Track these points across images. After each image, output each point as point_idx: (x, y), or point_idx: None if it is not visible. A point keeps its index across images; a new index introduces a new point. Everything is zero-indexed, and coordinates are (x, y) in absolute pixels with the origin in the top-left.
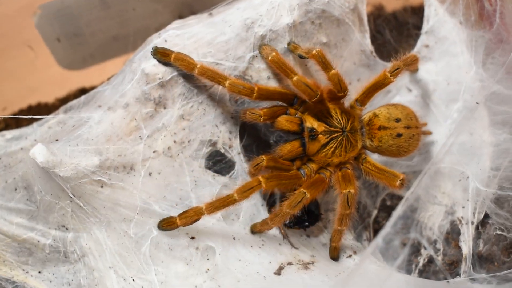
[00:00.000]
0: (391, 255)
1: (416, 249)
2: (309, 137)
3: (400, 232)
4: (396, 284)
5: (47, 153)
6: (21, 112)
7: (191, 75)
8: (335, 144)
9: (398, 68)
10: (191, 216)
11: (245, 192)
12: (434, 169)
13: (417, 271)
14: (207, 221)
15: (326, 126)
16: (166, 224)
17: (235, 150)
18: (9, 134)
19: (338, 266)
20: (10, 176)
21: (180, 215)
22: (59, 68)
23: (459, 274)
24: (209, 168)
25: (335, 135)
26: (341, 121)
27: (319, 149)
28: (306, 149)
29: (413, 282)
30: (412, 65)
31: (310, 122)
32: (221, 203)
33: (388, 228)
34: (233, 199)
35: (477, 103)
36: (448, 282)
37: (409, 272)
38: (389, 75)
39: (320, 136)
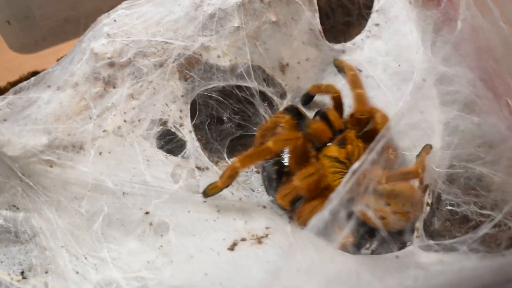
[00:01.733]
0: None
1: (370, 230)
2: None
3: (346, 205)
4: (343, 258)
5: None
6: None
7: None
8: None
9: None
10: (229, 174)
11: (280, 141)
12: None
13: (372, 248)
14: (163, 194)
15: None
16: (211, 188)
17: (186, 129)
18: None
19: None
20: None
21: (220, 177)
22: (10, 52)
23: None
24: (161, 148)
25: None
26: None
27: None
28: None
29: (360, 259)
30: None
31: None
32: (255, 153)
33: (334, 202)
34: (267, 148)
35: (423, 80)
36: (397, 256)
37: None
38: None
39: None
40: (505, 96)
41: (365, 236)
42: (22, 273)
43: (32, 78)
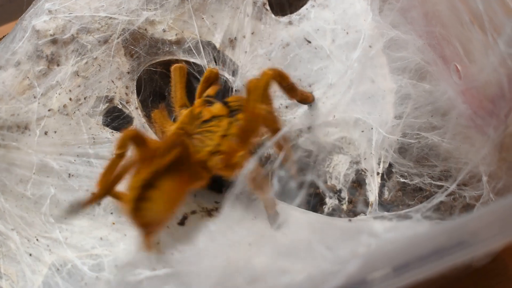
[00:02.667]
0: (287, 197)
1: (320, 198)
2: None
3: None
4: (296, 219)
5: None
6: None
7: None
8: None
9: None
10: None
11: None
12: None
13: None
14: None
15: None
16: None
17: (132, 105)
18: None
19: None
20: None
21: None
22: None
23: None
24: (107, 125)
25: None
26: None
27: None
28: None
29: (314, 218)
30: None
31: None
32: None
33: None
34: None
35: (370, 46)
36: (350, 220)
37: None
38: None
39: None
40: (454, 61)
41: None
42: None
43: None
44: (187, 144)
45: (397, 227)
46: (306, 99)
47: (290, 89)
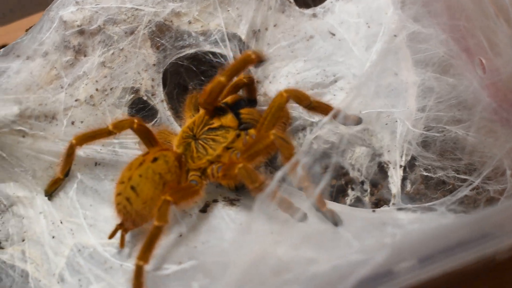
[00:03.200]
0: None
1: (342, 190)
2: None
3: (320, 159)
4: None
5: None
6: None
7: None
8: None
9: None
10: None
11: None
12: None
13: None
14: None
15: None
16: None
17: (158, 98)
18: None
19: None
20: None
21: None
22: None
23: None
24: (132, 116)
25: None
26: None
27: None
28: None
29: (338, 209)
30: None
31: None
32: None
33: (302, 155)
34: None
35: (394, 35)
36: (374, 211)
37: None
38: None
39: None
40: (478, 54)
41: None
42: None
43: (1, 49)
44: (181, 155)
45: (421, 219)
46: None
47: (312, 108)
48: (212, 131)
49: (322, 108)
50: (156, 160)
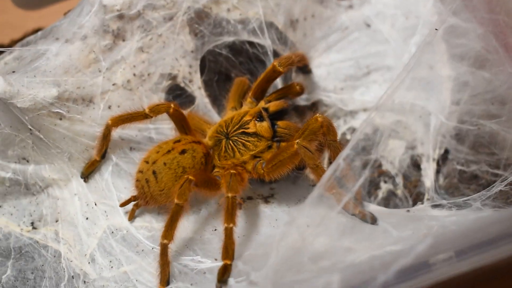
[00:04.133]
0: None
1: (375, 183)
2: None
3: (361, 153)
4: None
5: (3, 84)
6: None
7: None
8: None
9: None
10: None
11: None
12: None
13: (375, 203)
14: None
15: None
16: None
17: (195, 85)
18: None
19: (297, 193)
20: None
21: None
22: (14, 8)
23: (419, 203)
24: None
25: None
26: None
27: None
28: None
29: (372, 209)
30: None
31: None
32: None
33: (348, 149)
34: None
35: (436, 29)
36: (408, 210)
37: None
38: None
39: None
40: None
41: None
42: (32, 223)
43: (39, 32)
44: (210, 149)
45: (456, 216)
46: None
47: (333, 147)
48: (245, 136)
49: (337, 154)
50: (184, 152)
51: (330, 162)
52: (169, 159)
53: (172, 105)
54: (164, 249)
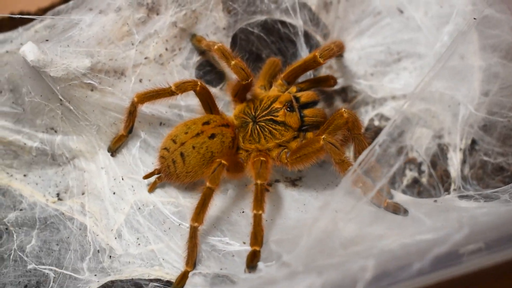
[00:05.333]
0: (387, 162)
1: (400, 169)
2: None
3: (397, 140)
4: None
5: (38, 52)
6: (3, 20)
7: None
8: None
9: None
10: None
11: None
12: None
13: (399, 190)
14: None
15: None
16: None
17: None
18: None
19: (325, 177)
20: None
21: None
22: None
23: (444, 194)
24: (200, 78)
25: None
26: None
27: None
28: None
29: (399, 200)
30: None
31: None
32: None
33: (384, 135)
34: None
35: (474, 18)
36: (435, 201)
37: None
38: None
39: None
40: None
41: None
42: (58, 194)
43: (71, 2)
44: (237, 134)
45: (485, 208)
46: None
47: (358, 140)
48: (273, 123)
49: (361, 147)
50: (213, 137)
51: (354, 154)
52: (198, 143)
53: (198, 83)
54: (194, 232)
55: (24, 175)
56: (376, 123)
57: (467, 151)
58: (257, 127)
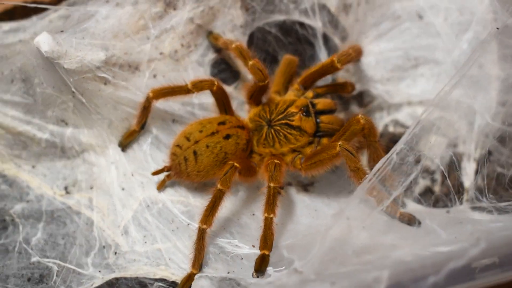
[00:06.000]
0: (404, 172)
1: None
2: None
3: (415, 149)
4: None
5: (52, 43)
6: (16, 8)
7: None
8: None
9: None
10: None
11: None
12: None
13: (411, 199)
14: None
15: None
16: None
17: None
18: (6, 26)
19: (338, 183)
20: (7, 68)
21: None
22: None
23: (457, 204)
24: (214, 76)
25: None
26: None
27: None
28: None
29: (412, 209)
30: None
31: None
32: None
33: (402, 143)
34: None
35: (497, 28)
36: (448, 211)
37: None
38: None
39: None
40: None
41: None
42: (66, 188)
43: None
44: (251, 137)
45: (500, 222)
46: None
47: (373, 148)
48: (288, 128)
49: (376, 155)
50: (228, 137)
51: (368, 161)
52: (212, 142)
53: (215, 82)
54: (202, 234)
55: (33, 166)
56: (391, 129)
57: (481, 161)
58: (272, 131)
